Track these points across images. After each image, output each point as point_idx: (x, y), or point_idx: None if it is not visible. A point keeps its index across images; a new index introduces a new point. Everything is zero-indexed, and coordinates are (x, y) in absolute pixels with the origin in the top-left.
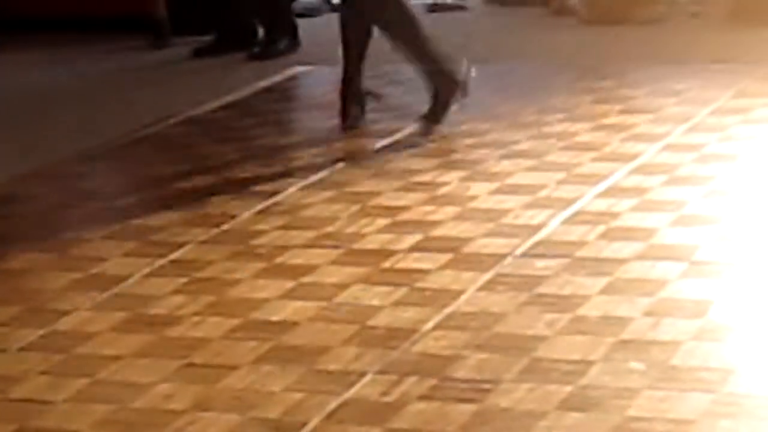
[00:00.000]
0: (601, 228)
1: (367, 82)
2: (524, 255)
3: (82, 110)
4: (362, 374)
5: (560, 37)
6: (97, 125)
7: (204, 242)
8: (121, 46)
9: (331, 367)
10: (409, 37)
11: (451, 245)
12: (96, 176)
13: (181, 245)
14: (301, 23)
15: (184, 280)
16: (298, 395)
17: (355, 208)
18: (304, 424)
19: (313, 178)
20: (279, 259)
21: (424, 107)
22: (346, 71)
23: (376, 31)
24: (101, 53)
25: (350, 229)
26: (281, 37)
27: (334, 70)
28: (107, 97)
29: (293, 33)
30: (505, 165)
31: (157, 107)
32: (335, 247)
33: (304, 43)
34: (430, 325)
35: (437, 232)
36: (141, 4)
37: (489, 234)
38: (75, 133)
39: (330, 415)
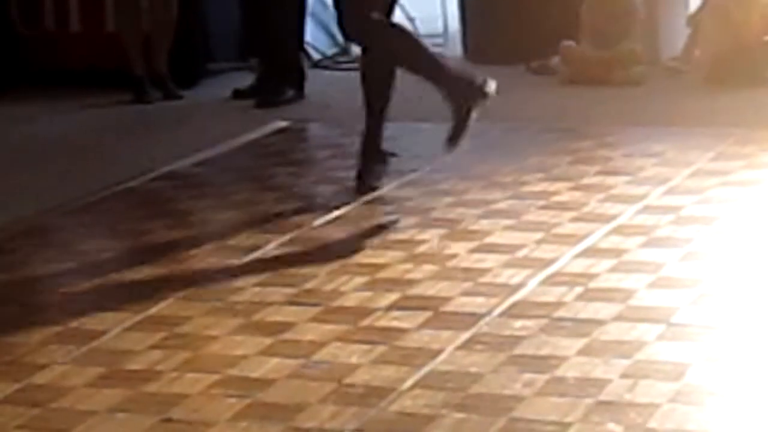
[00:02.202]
0: (579, 289)
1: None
2: (502, 315)
3: (61, 164)
4: None
5: (540, 96)
6: (76, 179)
7: (182, 298)
8: (104, 100)
9: (308, 424)
10: (419, 59)
11: (430, 304)
12: (75, 230)
13: (158, 300)
14: None
15: (161, 335)
16: None
17: (333, 265)
18: None
19: (291, 234)
20: (257, 316)
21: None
22: (368, 127)
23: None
24: (83, 107)
25: (328, 287)
26: (289, 86)
27: (315, 126)
28: (87, 151)
29: (301, 83)
30: (484, 224)
31: (137, 161)
32: (313, 304)
33: None
34: (407, 383)
35: (415, 290)
36: (120, 60)
37: (467, 293)
38: (54, 187)
39: None
